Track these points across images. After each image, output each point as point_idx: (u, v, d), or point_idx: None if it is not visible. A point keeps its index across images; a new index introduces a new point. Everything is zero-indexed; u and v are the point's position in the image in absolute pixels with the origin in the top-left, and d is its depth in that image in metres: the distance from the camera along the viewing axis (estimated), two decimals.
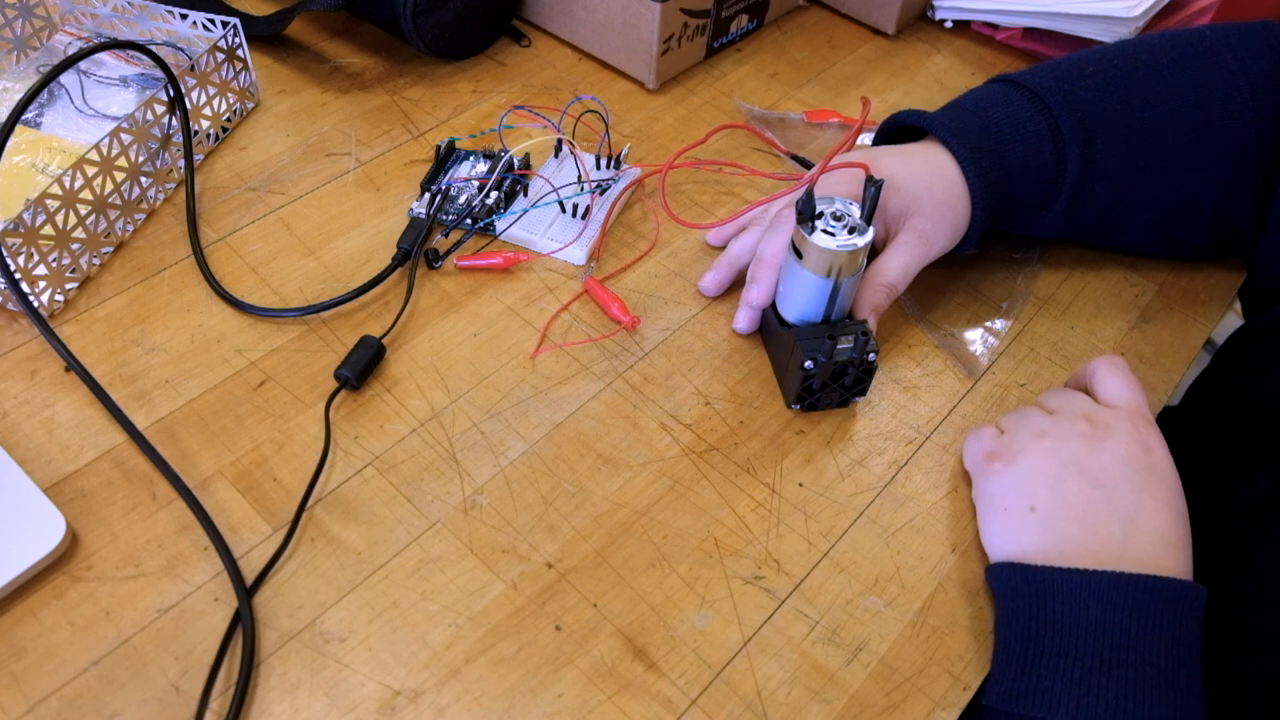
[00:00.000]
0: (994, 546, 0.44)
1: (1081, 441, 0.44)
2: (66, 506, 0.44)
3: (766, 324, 0.52)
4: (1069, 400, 0.47)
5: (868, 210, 0.45)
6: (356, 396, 0.50)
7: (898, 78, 0.73)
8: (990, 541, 0.45)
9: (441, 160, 0.61)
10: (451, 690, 0.40)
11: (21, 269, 0.49)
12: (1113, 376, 0.47)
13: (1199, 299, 0.58)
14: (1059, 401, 0.47)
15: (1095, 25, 0.70)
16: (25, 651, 0.40)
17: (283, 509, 0.45)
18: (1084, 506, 0.42)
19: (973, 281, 0.58)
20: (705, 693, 0.41)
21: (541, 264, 0.57)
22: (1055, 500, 0.43)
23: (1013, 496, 0.44)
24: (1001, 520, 0.44)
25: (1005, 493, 0.44)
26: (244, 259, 0.56)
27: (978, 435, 0.48)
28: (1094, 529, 0.42)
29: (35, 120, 0.60)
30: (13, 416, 0.48)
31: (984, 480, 0.46)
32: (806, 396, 0.49)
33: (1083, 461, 0.43)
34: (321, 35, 0.72)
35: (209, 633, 0.41)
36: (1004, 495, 0.44)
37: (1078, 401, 0.47)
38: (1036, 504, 0.43)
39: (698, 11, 0.67)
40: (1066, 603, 0.40)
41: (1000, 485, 0.45)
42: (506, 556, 0.44)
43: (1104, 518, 0.42)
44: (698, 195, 0.62)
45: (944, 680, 0.42)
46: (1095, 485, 0.43)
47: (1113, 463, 0.43)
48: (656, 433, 0.49)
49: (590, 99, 0.67)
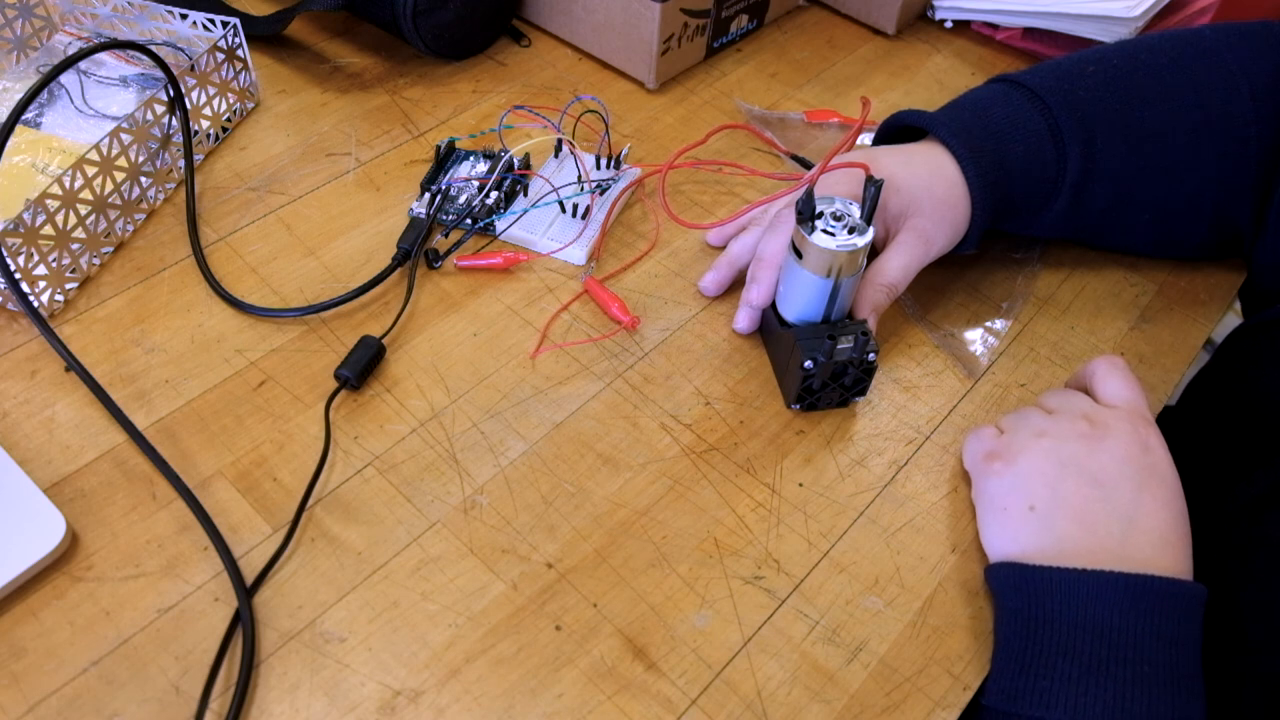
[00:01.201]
0: (993, 546, 0.44)
1: (1081, 441, 0.44)
2: (66, 506, 0.44)
3: (766, 324, 0.52)
4: (1069, 400, 0.47)
5: (868, 210, 0.45)
6: (356, 396, 0.50)
7: (898, 78, 0.73)
8: (989, 541, 0.45)
9: (441, 160, 0.61)
10: (451, 690, 0.40)
11: (21, 269, 0.49)
12: (1112, 376, 0.47)
13: (1199, 299, 0.58)
14: (1058, 401, 0.47)
15: (1095, 25, 0.70)
16: (25, 651, 0.40)
17: (283, 509, 0.45)
18: (1083, 506, 0.42)
19: (973, 281, 0.58)
20: (705, 693, 0.41)
21: (541, 264, 0.57)
22: (1054, 500, 0.43)
23: (1012, 496, 0.44)
24: (1000, 520, 0.44)
25: (1004, 492, 0.44)
26: (244, 259, 0.56)
27: (977, 435, 0.48)
28: (1093, 528, 0.42)
29: (35, 120, 0.60)
30: (13, 416, 0.48)
31: (983, 480, 0.46)
32: (806, 396, 0.49)
33: (1082, 461, 0.43)
34: (321, 35, 0.72)
35: (209, 633, 0.41)
36: (1003, 495, 0.44)
37: (1077, 401, 0.46)
38: (1036, 503, 0.43)
39: (698, 11, 0.67)
40: (1064, 602, 0.40)
41: (999, 485, 0.45)
42: (506, 556, 0.44)
43: (1103, 517, 0.42)
44: (698, 195, 0.62)
45: (944, 680, 0.42)
46: (1094, 485, 0.43)
47: (1112, 462, 0.43)
48: (656, 433, 0.49)
49: (590, 99, 0.67)
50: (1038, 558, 0.42)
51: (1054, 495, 0.43)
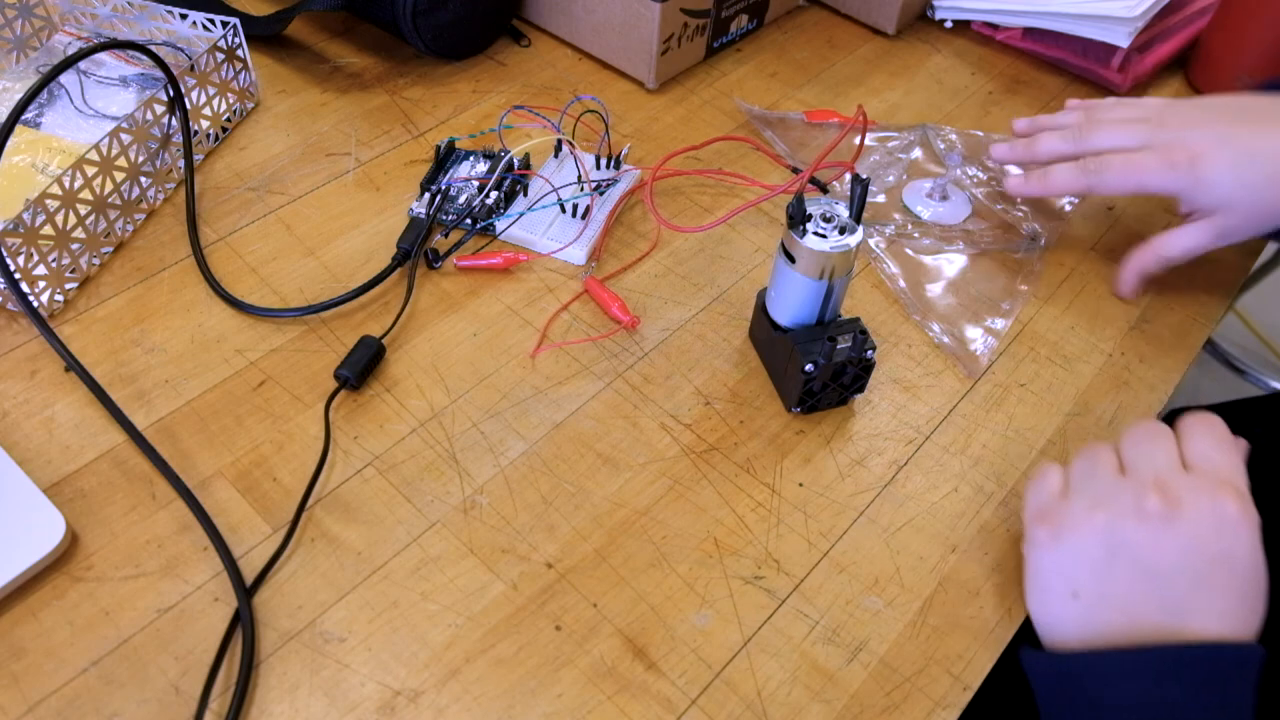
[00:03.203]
0: (1034, 614, 0.42)
1: (1142, 522, 0.40)
2: (66, 506, 0.44)
3: (759, 330, 0.52)
4: (1149, 455, 0.42)
5: (856, 209, 0.45)
6: (356, 396, 0.50)
7: (898, 78, 0.73)
8: (1031, 608, 0.43)
9: (441, 160, 0.61)
10: (451, 690, 0.40)
11: (21, 269, 0.49)
12: (1203, 436, 0.42)
13: (1199, 299, 0.58)
14: (1138, 453, 0.42)
15: (1095, 25, 0.70)
16: (25, 651, 0.40)
17: (282, 509, 0.45)
18: (1130, 598, 0.39)
19: (973, 281, 0.58)
20: (705, 693, 0.41)
21: (541, 264, 0.57)
22: (1099, 590, 0.40)
23: (1056, 578, 0.41)
24: (1042, 599, 0.42)
25: (1048, 571, 0.42)
26: (244, 259, 0.56)
27: (1039, 482, 0.44)
28: (1137, 621, 0.39)
29: (35, 120, 0.60)
30: (13, 416, 0.48)
31: (1030, 547, 0.43)
32: (807, 399, 0.49)
33: (1138, 548, 0.39)
34: (321, 35, 0.72)
35: (209, 633, 0.41)
36: (1047, 573, 0.42)
37: (1158, 457, 0.42)
38: (1080, 591, 0.40)
39: (698, 11, 0.67)
40: (1100, 683, 0.38)
41: (1044, 559, 0.42)
42: (506, 556, 0.44)
43: (1151, 610, 0.39)
44: (698, 196, 0.62)
45: (944, 680, 0.42)
46: (1147, 575, 0.39)
47: (1173, 551, 0.39)
48: (656, 433, 0.49)
49: (590, 99, 0.67)
50: (1076, 645, 0.40)
51: (1100, 585, 0.40)
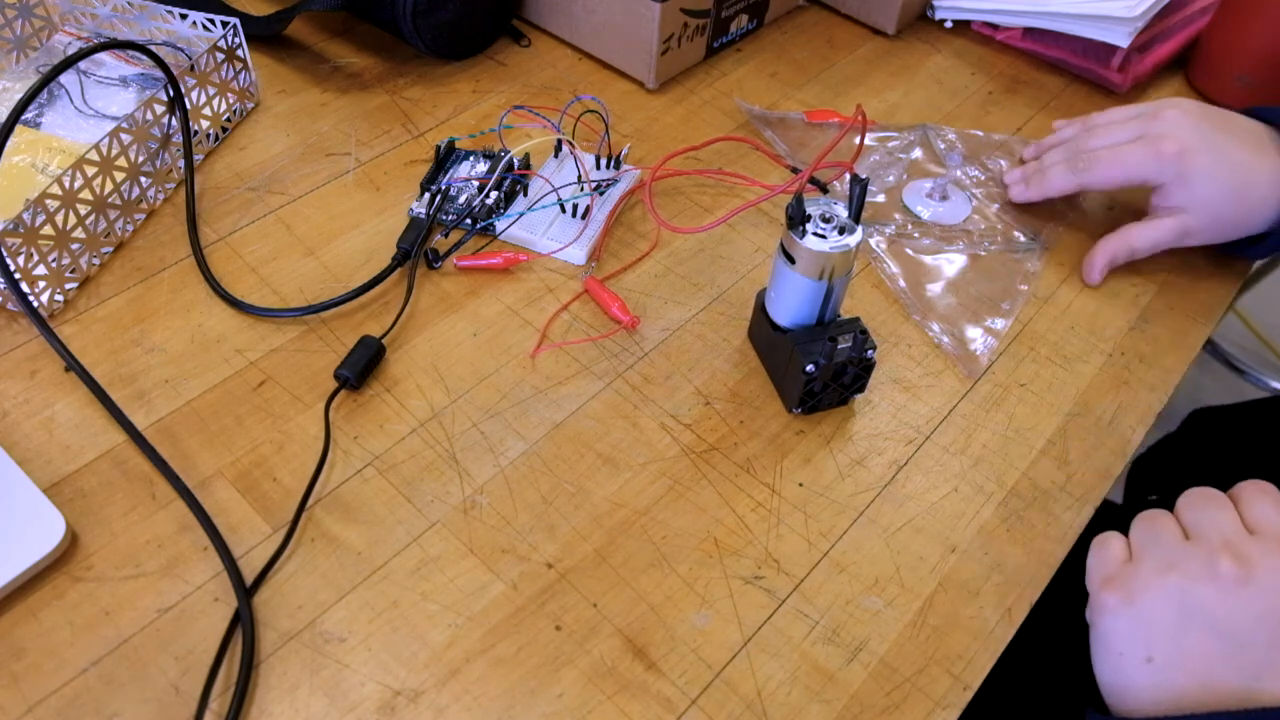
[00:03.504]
0: (1103, 679, 0.41)
1: (1215, 585, 0.39)
2: (66, 506, 0.44)
3: (758, 330, 0.52)
4: (1213, 520, 0.41)
5: (855, 209, 0.45)
6: (356, 396, 0.50)
7: (898, 78, 0.73)
8: (1100, 674, 0.41)
9: (441, 160, 0.61)
10: (451, 690, 0.40)
11: (21, 269, 0.49)
12: (1261, 500, 0.41)
13: (1199, 299, 0.58)
14: (1199, 518, 0.41)
15: (1095, 25, 0.70)
16: (25, 651, 0.40)
17: (282, 509, 0.45)
18: (1206, 662, 0.38)
19: (973, 281, 0.58)
20: (705, 693, 0.41)
21: (541, 264, 0.57)
22: (1175, 654, 0.39)
23: (1129, 643, 0.40)
24: (1115, 664, 0.40)
25: (1121, 636, 0.40)
26: (244, 259, 0.56)
27: (1102, 549, 0.43)
28: (1212, 686, 0.38)
29: (35, 120, 0.60)
30: (13, 416, 0.48)
31: (1099, 613, 0.41)
32: (808, 399, 0.49)
33: (1213, 610, 0.38)
34: (321, 35, 0.72)
35: (209, 633, 0.41)
36: (1119, 638, 0.40)
37: (1222, 523, 0.41)
38: (1154, 656, 0.39)
39: (698, 11, 0.67)
40: None
41: (1115, 624, 0.40)
42: (506, 556, 0.44)
43: (1227, 674, 0.38)
44: (697, 196, 0.62)
45: (944, 680, 0.42)
46: (1223, 638, 0.38)
47: (1250, 613, 0.38)
48: (656, 433, 0.49)
49: (590, 99, 0.67)
50: (1150, 710, 0.39)
51: (1175, 649, 0.39)
